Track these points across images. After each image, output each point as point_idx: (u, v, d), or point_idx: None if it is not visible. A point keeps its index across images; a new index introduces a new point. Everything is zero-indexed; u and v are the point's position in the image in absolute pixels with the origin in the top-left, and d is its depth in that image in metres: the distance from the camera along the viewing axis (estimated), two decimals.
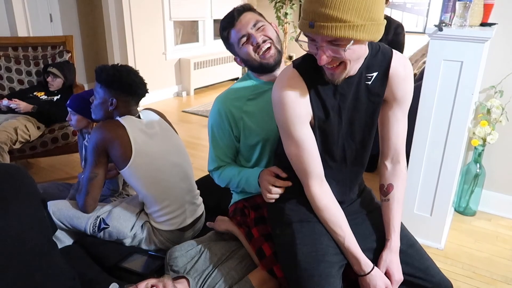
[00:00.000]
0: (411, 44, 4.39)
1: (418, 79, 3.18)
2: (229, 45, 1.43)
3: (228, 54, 6.09)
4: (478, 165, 2.48)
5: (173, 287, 1.23)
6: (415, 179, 2.24)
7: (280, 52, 1.40)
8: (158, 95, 5.23)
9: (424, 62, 3.64)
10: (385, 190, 1.28)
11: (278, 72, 1.42)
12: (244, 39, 1.36)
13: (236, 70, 6.36)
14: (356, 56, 0.99)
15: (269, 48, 1.36)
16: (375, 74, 1.12)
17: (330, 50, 0.95)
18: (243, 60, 1.41)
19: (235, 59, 1.47)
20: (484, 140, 2.36)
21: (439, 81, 2.04)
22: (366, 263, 1.15)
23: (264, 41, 1.36)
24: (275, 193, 1.26)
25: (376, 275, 1.15)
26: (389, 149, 1.25)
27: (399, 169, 1.27)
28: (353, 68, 1.03)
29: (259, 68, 1.39)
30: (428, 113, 2.11)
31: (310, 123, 1.13)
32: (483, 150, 2.45)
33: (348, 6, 0.87)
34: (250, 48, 1.36)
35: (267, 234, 1.36)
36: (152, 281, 1.22)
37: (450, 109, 2.06)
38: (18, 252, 1.15)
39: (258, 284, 1.29)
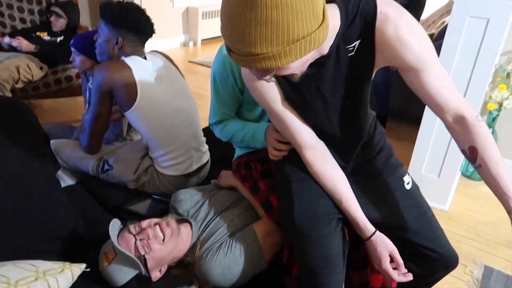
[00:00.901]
0: (430, 4, 4.19)
1: (437, 38, 3.05)
2: None
3: None
4: (491, 130, 2.42)
5: (176, 226, 1.22)
6: (426, 140, 2.19)
7: None
8: (164, 44, 5.09)
9: (443, 23, 3.49)
10: (470, 156, 1.04)
11: None
12: None
13: None
14: (296, 67, 0.85)
15: None
16: (357, 42, 0.97)
17: (258, 72, 0.85)
18: None
19: None
20: (500, 104, 2.28)
21: (461, 40, 1.94)
22: (365, 227, 1.09)
23: None
24: (282, 149, 1.22)
25: (377, 241, 1.08)
26: (443, 111, 1.04)
27: (468, 124, 1.02)
28: (303, 67, 0.90)
29: None
30: (447, 71, 2.02)
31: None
32: (498, 115, 2.38)
33: (259, 39, 0.73)
34: None
35: (274, 187, 1.34)
36: (155, 220, 1.21)
37: (470, 69, 1.97)
38: (20, 187, 1.12)
39: (263, 235, 1.27)
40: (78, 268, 1.04)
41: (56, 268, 0.99)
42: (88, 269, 1.06)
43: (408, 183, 1.23)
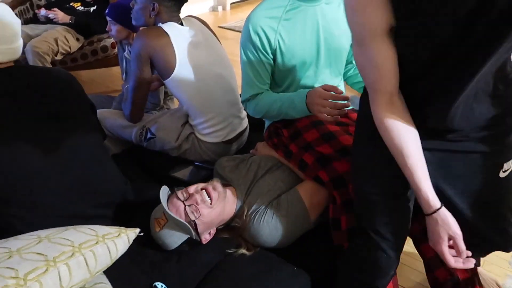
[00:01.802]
0: None
1: None
2: None
3: None
4: None
5: (222, 189, 1.24)
6: None
7: None
8: (193, 9, 5.02)
9: None
10: None
11: None
12: None
13: None
14: None
15: None
16: None
17: None
18: None
19: None
20: None
21: None
22: (428, 201, 0.95)
23: None
24: (332, 109, 1.20)
25: (438, 220, 0.95)
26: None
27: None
28: None
29: None
30: None
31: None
32: None
33: None
34: None
35: (305, 145, 1.34)
36: (201, 184, 1.24)
37: None
38: (75, 156, 1.17)
39: (306, 195, 1.28)
40: (133, 232, 1.08)
41: (113, 233, 1.04)
42: (142, 233, 1.11)
43: (506, 170, 1.04)
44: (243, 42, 1.37)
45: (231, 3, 5.50)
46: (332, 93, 1.23)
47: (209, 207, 1.19)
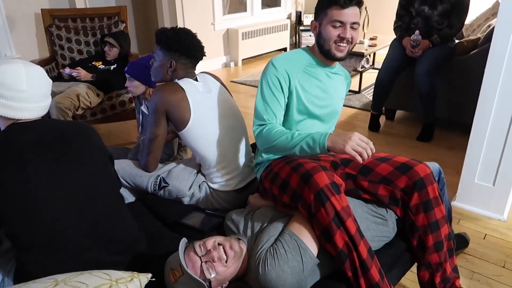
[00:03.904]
0: (474, 8, 4.09)
1: (483, 43, 2.97)
2: (321, 10, 1.49)
3: (276, 24, 5.98)
4: None
5: (239, 248, 1.27)
6: (478, 147, 2.13)
7: (350, 51, 1.54)
8: (207, 66, 5.28)
9: (489, 26, 3.39)
10: None
11: (334, 64, 1.59)
12: (338, 24, 1.45)
13: (283, 40, 6.25)
14: None
15: (345, 46, 1.49)
16: None
17: None
18: (319, 33, 1.51)
19: (312, 22, 1.56)
20: None
21: (510, 42, 1.90)
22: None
23: (347, 41, 1.48)
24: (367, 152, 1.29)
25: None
26: None
27: None
28: None
29: (325, 50, 1.51)
30: (496, 74, 1.97)
31: None
32: None
33: None
34: (334, 34, 1.46)
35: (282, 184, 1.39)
36: (219, 239, 1.26)
37: None
38: (92, 204, 1.22)
39: (296, 228, 1.29)
40: (145, 278, 1.11)
41: (126, 277, 1.07)
42: (154, 279, 1.13)
43: None
44: (267, 74, 1.52)
45: (243, 59, 5.77)
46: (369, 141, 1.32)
47: (224, 265, 1.20)
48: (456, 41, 3.19)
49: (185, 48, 1.67)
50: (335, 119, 1.69)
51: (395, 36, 3.28)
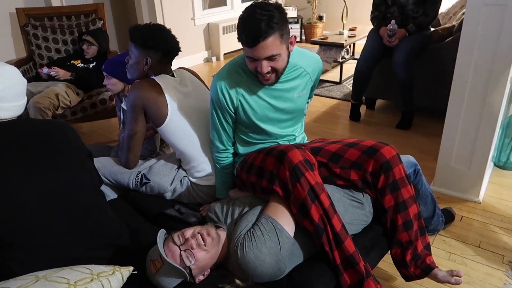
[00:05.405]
0: None
1: (457, 30, 3.04)
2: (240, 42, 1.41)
3: None
4: None
5: (216, 234, 1.30)
6: (453, 132, 2.19)
7: (280, 76, 1.47)
8: (188, 61, 5.26)
9: (464, 13, 3.45)
10: None
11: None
12: (253, 59, 1.39)
13: None
14: None
15: (269, 76, 1.43)
16: None
17: None
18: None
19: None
20: None
21: (479, 28, 1.95)
22: None
23: (268, 72, 1.41)
24: None
25: None
26: None
27: None
28: None
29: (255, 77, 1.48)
30: (467, 62, 2.03)
31: None
32: None
33: None
34: (252, 66, 1.42)
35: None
36: (197, 228, 1.29)
37: (491, 57, 1.97)
38: (71, 201, 1.23)
39: (272, 210, 1.34)
40: (127, 271, 1.13)
41: (107, 271, 1.09)
42: (136, 272, 1.15)
43: None
44: (213, 98, 1.55)
45: (224, 54, 5.76)
46: None
47: (203, 251, 1.23)
48: (432, 29, 3.25)
49: (161, 44, 1.67)
50: (300, 114, 1.69)
51: (372, 27, 3.33)
